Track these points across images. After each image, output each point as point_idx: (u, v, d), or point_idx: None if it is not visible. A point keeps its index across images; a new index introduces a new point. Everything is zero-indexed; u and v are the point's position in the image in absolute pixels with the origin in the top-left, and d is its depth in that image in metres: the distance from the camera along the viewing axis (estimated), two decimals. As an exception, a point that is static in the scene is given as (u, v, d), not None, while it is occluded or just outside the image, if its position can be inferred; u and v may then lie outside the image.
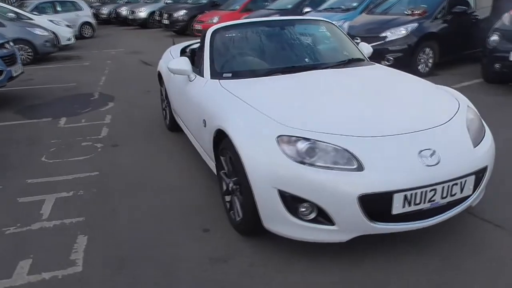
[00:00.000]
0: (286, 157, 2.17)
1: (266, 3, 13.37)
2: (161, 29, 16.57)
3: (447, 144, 2.26)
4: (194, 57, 4.01)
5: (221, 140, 2.71)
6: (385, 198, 2.08)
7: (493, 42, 5.86)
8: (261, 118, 2.41)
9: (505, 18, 6.03)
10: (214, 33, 3.43)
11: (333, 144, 2.17)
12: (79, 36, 14.38)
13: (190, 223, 2.83)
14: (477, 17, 7.47)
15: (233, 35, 3.53)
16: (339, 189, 2.08)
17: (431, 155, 2.17)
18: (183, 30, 14.86)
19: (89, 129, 4.97)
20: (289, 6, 11.39)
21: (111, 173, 3.69)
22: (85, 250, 2.58)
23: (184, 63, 3.33)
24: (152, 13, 18.04)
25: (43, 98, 6.55)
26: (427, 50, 6.96)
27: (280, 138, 2.24)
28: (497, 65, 5.79)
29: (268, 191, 2.21)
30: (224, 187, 2.83)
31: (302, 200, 2.15)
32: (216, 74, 3.17)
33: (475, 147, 2.35)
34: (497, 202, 2.86)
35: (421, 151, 2.18)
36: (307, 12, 10.43)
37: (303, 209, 2.17)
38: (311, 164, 2.13)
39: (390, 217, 2.15)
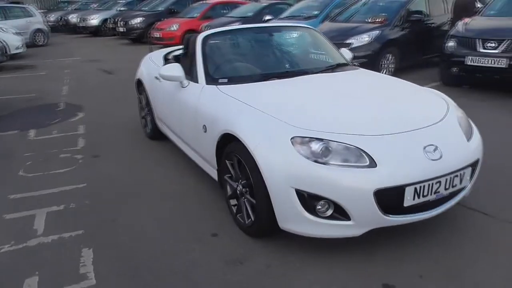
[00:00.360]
0: (302, 157, 2.26)
1: (225, 11, 13.49)
2: (115, 37, 16.19)
3: (446, 140, 2.44)
4: (179, 63, 4.01)
5: (226, 144, 2.75)
6: (398, 191, 2.22)
7: (450, 48, 6.30)
8: (271, 121, 2.48)
9: (459, 25, 6.51)
10: (204, 39, 3.46)
11: (345, 143, 2.28)
12: (31, 44, 13.73)
13: (196, 229, 2.83)
14: (432, 24, 7.99)
15: (224, 41, 3.58)
16: (356, 185, 2.19)
17: (434, 150, 2.34)
18: (139, 37, 14.62)
19: (63, 140, 4.79)
20: (250, 14, 11.58)
21: (99, 184, 3.60)
22: (94, 263, 2.51)
23: (177, 70, 3.33)
24: (104, 21, 17.59)
25: (4, 110, 6.22)
26: (389, 56, 7.34)
27: (294, 140, 2.32)
28: (454, 69, 6.23)
29: (285, 191, 2.28)
30: (229, 191, 2.86)
31: (319, 198, 2.24)
32: (211, 80, 3.20)
33: (468, 141, 2.55)
34: (479, 192, 3.10)
35: (425, 146, 2.34)
36: (268, 20, 10.64)
37: (320, 207, 2.26)
38: (326, 163, 2.23)
39: (401, 210, 2.29)
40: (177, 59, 4.28)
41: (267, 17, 10.94)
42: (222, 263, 2.45)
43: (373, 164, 2.23)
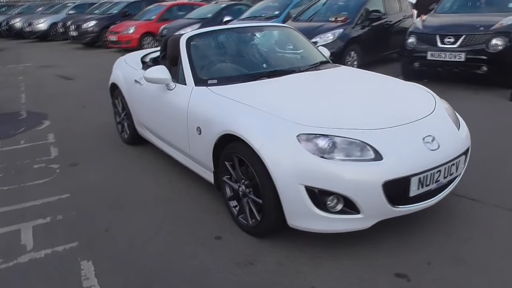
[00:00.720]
0: (310, 154, 2.28)
1: (181, 13, 13.32)
2: (67, 41, 15.54)
3: (440, 130, 2.56)
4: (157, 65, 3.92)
5: (224, 145, 2.73)
6: (404, 182, 2.30)
7: (410, 44, 6.58)
8: (274, 119, 2.49)
9: (418, 22, 6.83)
10: (188, 41, 3.41)
11: (351, 138, 2.33)
12: (-26, 51, 12.88)
13: (198, 233, 2.78)
14: (389, 22, 8.31)
15: (208, 42, 3.55)
16: (364, 178, 2.24)
17: (432, 140, 2.45)
18: (93, 41, 14.13)
19: (34, 150, 4.54)
20: (209, 15, 11.51)
21: (84, 193, 3.45)
22: (97, 275, 2.41)
23: (163, 72, 3.26)
24: (53, 25, 16.81)
25: (-41, 122, 5.81)
26: (352, 53, 7.56)
27: (299, 137, 2.34)
28: (416, 64, 6.52)
29: (294, 189, 2.30)
30: (229, 193, 2.84)
31: (329, 194, 2.28)
32: (200, 81, 3.16)
33: (458, 130, 2.69)
34: (462, 180, 3.27)
35: (424, 138, 2.44)
36: (227, 20, 10.63)
37: (330, 202, 2.30)
38: (333, 159, 2.27)
39: (407, 200, 2.37)
40: (155, 61, 4.18)
41: (226, 18, 10.92)
42: (232, 265, 2.43)
43: (378, 157, 2.29)
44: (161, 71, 3.27)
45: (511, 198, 3.00)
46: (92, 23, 14.00)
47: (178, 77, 3.35)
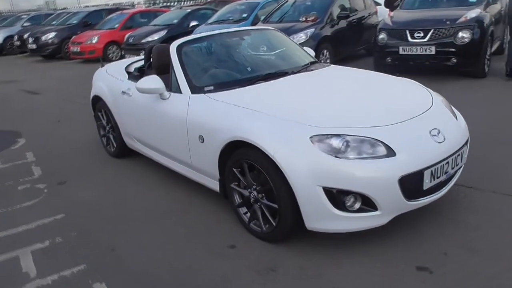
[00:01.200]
0: (325, 154, 2.29)
1: (145, 20, 13.10)
2: (25, 54, 14.89)
3: (443, 123, 2.63)
4: (143, 75, 3.83)
5: (230, 152, 2.70)
6: (418, 176, 2.35)
7: (381, 40, 6.76)
8: (284, 122, 2.48)
9: (387, 19, 7.02)
10: (178, 48, 3.34)
11: (363, 136, 2.36)
12: None
13: (210, 243, 2.73)
14: (356, 19, 8.50)
15: (198, 49, 3.49)
16: (381, 175, 2.27)
17: (438, 133, 2.51)
18: (54, 53, 13.64)
19: (14, 171, 4.32)
20: (175, 21, 11.36)
21: (80, 212, 3.31)
22: (115, 296, 2.32)
23: (156, 82, 3.18)
24: (8, 38, 16.08)
25: None
26: (325, 51, 7.68)
27: (313, 138, 2.35)
28: (388, 59, 6.70)
29: (313, 191, 2.30)
30: (238, 200, 2.81)
31: (347, 193, 2.29)
32: (196, 89, 3.11)
33: (457, 121, 2.79)
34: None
35: (430, 131, 2.51)
36: (194, 25, 10.54)
37: (348, 201, 2.32)
38: (348, 158, 2.29)
39: (421, 193, 2.42)
40: (140, 71, 4.08)
41: (193, 23, 10.85)
42: (253, 273, 2.40)
43: (391, 153, 2.33)
44: (154, 81, 3.19)
45: (504, 183, 3.13)
46: (52, 34, 13.50)
47: (171, 86, 3.28)
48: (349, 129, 2.40)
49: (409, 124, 2.52)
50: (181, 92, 3.16)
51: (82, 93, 7.87)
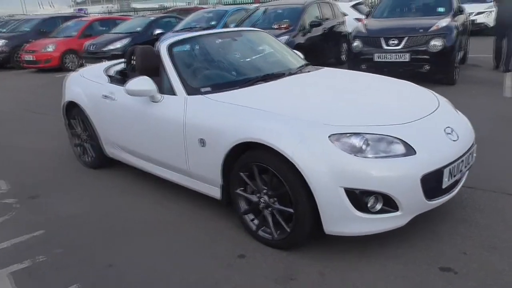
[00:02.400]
0: (346, 154, 2.19)
1: (104, 28, 12.62)
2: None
3: (454, 122, 2.61)
4: (125, 78, 3.59)
5: (237, 155, 2.54)
6: (438, 174, 2.29)
7: (356, 47, 6.84)
8: (299, 122, 2.35)
9: (360, 27, 7.13)
10: (170, 49, 3.15)
11: (382, 134, 2.27)
12: None
13: (217, 254, 2.53)
14: (327, 28, 8.59)
15: (190, 49, 3.31)
16: (404, 174, 2.19)
17: (452, 131, 2.48)
18: (3, 63, 12.79)
19: (-23, 186, 3.89)
20: (139, 29, 11.00)
21: (62, 228, 2.99)
22: (120, 318, 2.07)
23: (148, 83, 2.97)
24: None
25: None
26: (297, 59, 7.67)
27: (331, 137, 2.24)
28: (363, 66, 6.77)
29: (334, 192, 2.18)
30: (244, 206, 2.64)
31: (369, 194, 2.19)
32: (193, 90, 2.92)
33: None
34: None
35: (445, 129, 2.47)
36: (159, 33, 10.27)
37: (370, 202, 2.21)
38: (369, 157, 2.20)
39: (440, 192, 2.37)
40: (123, 74, 3.82)
41: (158, 31, 10.56)
42: (272, 283, 2.23)
43: (411, 151, 2.26)
44: (146, 82, 2.97)
45: (503, 182, 3.16)
46: (1, 42, 12.68)
47: (163, 88, 3.07)
48: (367, 127, 2.31)
49: (424, 122, 2.48)
50: (175, 94, 2.96)
51: (42, 103, 7.39)
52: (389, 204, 2.23)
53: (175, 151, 2.94)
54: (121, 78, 3.70)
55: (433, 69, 6.26)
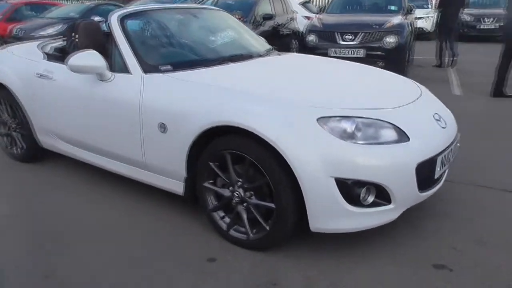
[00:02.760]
0: (337, 139, 1.92)
1: (32, 13, 11.56)
2: None
3: (440, 109, 2.44)
4: (66, 55, 3.08)
5: (206, 142, 2.19)
6: (431, 163, 2.09)
7: (311, 42, 6.68)
8: (282, 104, 2.05)
9: (315, 21, 7.00)
10: (122, 21, 2.71)
11: (374, 119, 2.04)
12: None
13: (181, 259, 2.15)
14: (279, 22, 8.40)
15: (145, 23, 2.87)
16: (399, 162, 1.97)
17: (440, 118, 2.31)
18: None
19: None
20: (74, 15, 10.12)
21: (-14, 231, 2.45)
22: None
23: (96, 58, 2.52)
24: None
25: None
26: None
27: (320, 121, 1.96)
28: (317, 61, 6.64)
29: (324, 184, 1.90)
30: (213, 202, 2.29)
31: (361, 184, 1.94)
32: (151, 68, 2.51)
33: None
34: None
35: (433, 115, 2.29)
36: (98, 21, 9.52)
37: (363, 194, 1.96)
38: (361, 143, 1.95)
39: (431, 182, 2.17)
40: (62, 51, 3.29)
41: (95, 18, 9.77)
42: (253, 290, 1.90)
43: (404, 138, 2.04)
44: (92, 57, 2.52)
45: (482, 176, 3.06)
46: None
47: (113, 66, 2.63)
48: (357, 110, 2.06)
49: (412, 107, 2.28)
50: (129, 72, 2.53)
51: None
52: (381, 196, 2.00)
53: (129, 139, 2.51)
54: (60, 55, 3.18)
55: (387, 66, 6.23)
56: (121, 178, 2.80)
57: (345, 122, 1.98)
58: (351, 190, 1.93)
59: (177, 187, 2.42)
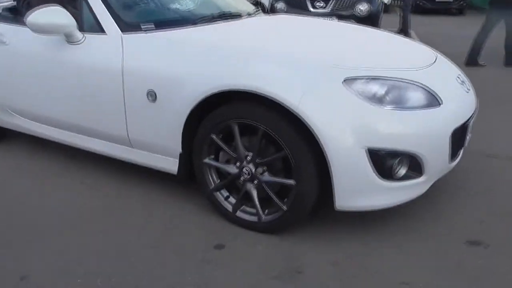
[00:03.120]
0: (369, 104, 1.66)
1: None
2: None
3: (459, 72, 2.24)
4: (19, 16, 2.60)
5: (204, 112, 1.87)
6: (463, 129, 1.90)
7: (280, 9, 6.35)
8: (301, 64, 1.75)
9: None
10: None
11: (405, 80, 1.79)
12: None
13: (183, 249, 1.84)
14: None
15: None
16: (435, 129, 1.74)
17: (463, 82, 2.10)
18: None
19: None
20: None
21: None
22: None
23: (62, 15, 2.09)
24: None
25: None
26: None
27: (346, 83, 1.69)
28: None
29: (354, 155, 1.64)
30: (215, 180, 1.98)
31: (395, 155, 1.70)
32: (127, 26, 2.12)
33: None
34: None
35: (457, 77, 2.08)
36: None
37: (397, 166, 1.73)
38: (393, 107, 1.70)
39: (458, 151, 1.98)
40: (14, 11, 2.77)
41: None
42: (275, 281, 1.63)
43: (436, 102, 1.81)
44: (59, 14, 2.09)
45: (482, 144, 2.92)
46: None
47: (82, 25, 2.20)
48: (385, 70, 1.80)
49: (436, 69, 2.05)
50: (103, 32, 2.12)
51: None
52: (412, 168, 1.77)
53: (108, 111, 2.13)
54: (12, 16, 2.67)
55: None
56: (98, 157, 2.41)
57: (374, 84, 1.72)
58: (384, 162, 1.68)
59: (170, 165, 2.08)
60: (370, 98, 1.68)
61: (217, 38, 2.02)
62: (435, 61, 2.15)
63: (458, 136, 1.87)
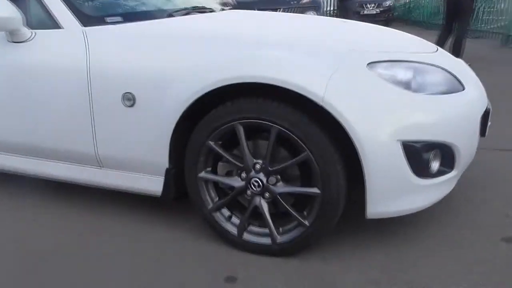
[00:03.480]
0: (400, 89, 1.43)
1: None
2: None
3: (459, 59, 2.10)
4: None
5: (196, 116, 1.54)
6: (486, 115, 1.72)
7: None
8: (316, 50, 1.49)
9: (229, -2, 6.46)
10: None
11: (429, 63, 1.59)
12: None
13: (187, 283, 1.47)
14: None
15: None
16: (465, 115, 1.55)
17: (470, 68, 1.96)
18: None
19: None
20: None
21: None
22: None
23: (5, 7, 1.67)
24: None
25: None
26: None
27: (371, 66, 1.45)
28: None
29: (389, 150, 1.39)
30: (213, 198, 1.64)
31: (430, 147, 1.47)
32: (89, 19, 1.74)
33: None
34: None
35: (461, 63, 1.93)
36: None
37: (431, 160, 1.50)
38: (421, 93, 1.49)
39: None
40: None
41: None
42: (313, 314, 1.32)
43: (459, 86, 1.63)
44: (1, 6, 1.66)
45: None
46: None
47: (30, 20, 1.78)
48: (407, 54, 1.59)
49: (443, 55, 1.88)
50: (58, 27, 1.72)
51: None
52: (446, 161, 1.56)
53: (69, 123, 1.72)
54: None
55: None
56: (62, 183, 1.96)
57: (398, 68, 1.49)
58: (420, 156, 1.45)
59: (152, 185, 1.70)
60: (398, 83, 1.45)
61: (206, 27, 1.71)
62: (437, 49, 1.99)
63: (483, 123, 1.69)
